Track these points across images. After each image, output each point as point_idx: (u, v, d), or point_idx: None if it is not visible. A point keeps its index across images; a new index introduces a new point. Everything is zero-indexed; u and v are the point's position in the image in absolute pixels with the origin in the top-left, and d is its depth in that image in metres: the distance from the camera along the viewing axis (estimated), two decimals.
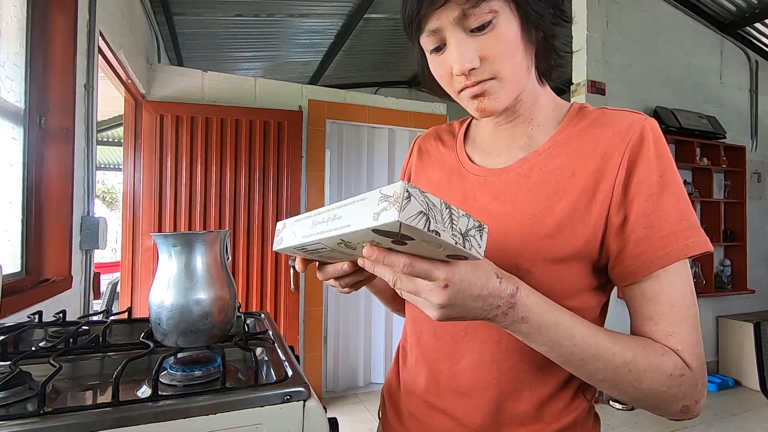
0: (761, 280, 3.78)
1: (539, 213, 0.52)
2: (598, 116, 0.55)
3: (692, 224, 0.49)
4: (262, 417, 0.53)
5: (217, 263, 0.68)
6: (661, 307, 0.49)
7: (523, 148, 0.58)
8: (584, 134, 0.54)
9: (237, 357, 0.74)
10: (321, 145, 3.05)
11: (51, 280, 1.30)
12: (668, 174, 0.50)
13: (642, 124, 0.51)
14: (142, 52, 2.55)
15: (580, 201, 0.51)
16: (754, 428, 2.71)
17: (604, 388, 0.49)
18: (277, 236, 0.53)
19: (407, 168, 0.75)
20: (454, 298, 0.41)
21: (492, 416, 0.55)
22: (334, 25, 3.65)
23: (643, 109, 3.27)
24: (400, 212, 0.33)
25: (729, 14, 3.56)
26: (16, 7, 1.23)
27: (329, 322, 3.09)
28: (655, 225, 0.49)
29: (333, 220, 0.41)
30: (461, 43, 0.50)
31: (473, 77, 0.51)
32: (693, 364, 0.48)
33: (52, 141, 1.33)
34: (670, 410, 0.49)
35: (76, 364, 0.68)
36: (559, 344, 0.46)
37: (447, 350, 0.59)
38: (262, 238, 2.81)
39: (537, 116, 0.58)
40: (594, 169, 0.51)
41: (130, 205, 2.62)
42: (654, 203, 0.49)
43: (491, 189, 0.58)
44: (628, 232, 0.50)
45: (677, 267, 0.48)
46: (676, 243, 0.48)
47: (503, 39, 0.50)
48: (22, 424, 0.45)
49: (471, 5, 0.48)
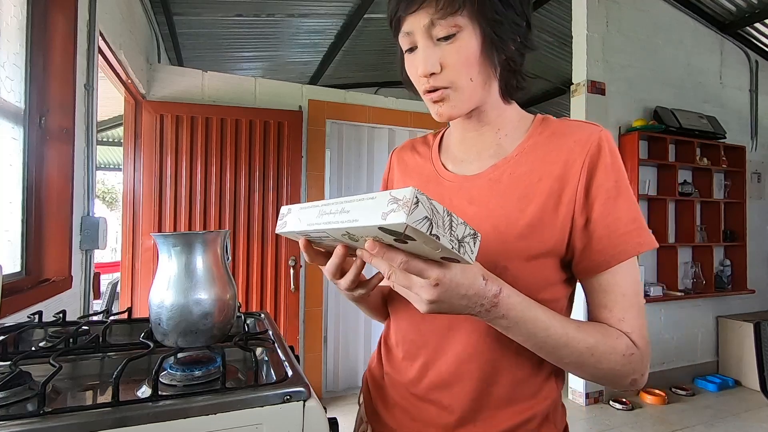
0: (761, 280, 3.78)
1: (511, 215, 0.58)
2: (560, 126, 0.62)
3: (642, 225, 0.56)
4: (262, 417, 0.53)
5: (217, 263, 0.68)
6: (614, 297, 0.57)
7: (493, 156, 0.64)
8: (548, 142, 0.60)
9: (237, 357, 0.74)
10: (321, 145, 3.05)
11: (51, 280, 1.30)
12: (622, 180, 0.57)
13: (599, 135, 0.58)
14: (142, 52, 2.55)
15: (548, 204, 0.57)
16: (754, 428, 2.71)
17: (570, 369, 0.56)
18: (280, 219, 0.56)
19: (387, 179, 0.80)
20: (442, 296, 0.45)
21: (474, 401, 0.60)
22: (334, 25, 3.65)
23: (643, 109, 3.27)
24: (408, 215, 0.37)
25: (729, 14, 3.56)
26: (16, 7, 1.23)
27: (329, 322, 3.09)
28: (612, 225, 0.56)
29: (341, 213, 0.44)
30: (427, 48, 0.57)
31: (433, 81, 0.57)
32: (640, 344, 0.56)
33: (52, 141, 1.33)
34: (622, 384, 0.57)
35: (76, 364, 0.68)
36: (535, 335, 0.52)
37: (432, 346, 0.63)
38: (262, 238, 2.81)
39: (504, 126, 0.64)
40: (558, 174, 0.58)
41: (130, 205, 2.62)
42: (611, 206, 0.56)
43: (466, 194, 0.63)
44: (591, 231, 0.56)
45: (629, 262, 0.56)
46: (630, 242, 0.55)
47: (463, 52, 0.56)
48: (22, 424, 0.45)
49: (439, 16, 0.54)
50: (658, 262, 3.36)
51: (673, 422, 2.75)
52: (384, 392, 0.70)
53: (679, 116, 3.26)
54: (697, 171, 3.50)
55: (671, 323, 3.37)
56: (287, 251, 2.84)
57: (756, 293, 3.65)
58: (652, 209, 3.29)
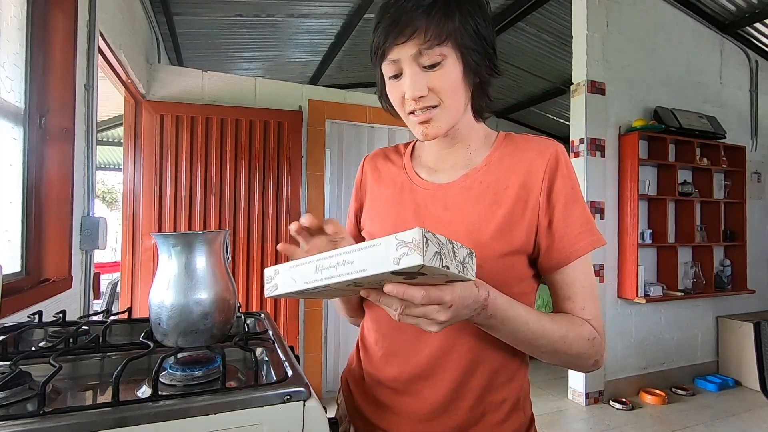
0: (761, 280, 3.78)
1: (484, 219, 0.65)
2: (521, 141, 0.70)
3: (593, 227, 0.65)
4: (262, 417, 0.53)
5: (217, 263, 0.68)
6: (576, 289, 0.65)
7: (464, 167, 0.71)
8: (513, 155, 0.68)
9: (237, 357, 0.74)
10: (321, 145, 3.05)
11: (51, 280, 1.30)
12: (576, 187, 0.66)
13: (555, 149, 0.66)
14: (142, 52, 2.55)
15: (516, 209, 0.65)
16: (754, 428, 2.71)
17: (544, 357, 0.63)
18: (268, 283, 0.54)
19: (360, 185, 0.83)
20: (454, 313, 0.50)
21: (452, 392, 0.65)
22: (334, 25, 3.65)
23: (643, 109, 3.27)
24: (423, 256, 0.39)
25: (729, 14, 3.55)
26: (16, 7, 1.23)
27: (329, 322, 3.09)
28: (571, 225, 0.64)
29: (344, 265, 0.44)
30: (415, 75, 0.61)
31: (421, 103, 0.63)
32: (599, 329, 0.64)
33: (52, 141, 1.33)
34: (587, 366, 0.65)
35: (76, 364, 0.67)
36: (518, 330, 0.58)
37: (412, 343, 0.68)
38: (262, 238, 2.80)
39: (473, 142, 0.72)
40: (522, 182, 0.65)
41: (130, 205, 2.62)
42: (569, 209, 0.64)
43: (441, 201, 0.69)
44: (554, 231, 0.64)
45: (585, 258, 0.65)
46: (585, 240, 0.64)
47: (448, 77, 0.62)
48: (22, 424, 0.45)
49: (427, 47, 0.59)
50: (658, 262, 3.36)
51: (673, 422, 2.75)
52: (364, 390, 0.74)
53: (679, 116, 3.26)
54: (697, 171, 3.49)
55: (671, 323, 3.37)
56: None
57: (756, 293, 3.65)
58: (652, 209, 3.29)
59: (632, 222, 3.06)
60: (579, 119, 3.01)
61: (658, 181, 3.32)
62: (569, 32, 3.21)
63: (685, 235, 3.38)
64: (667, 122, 3.17)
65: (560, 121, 5.59)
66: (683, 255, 3.38)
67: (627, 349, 3.17)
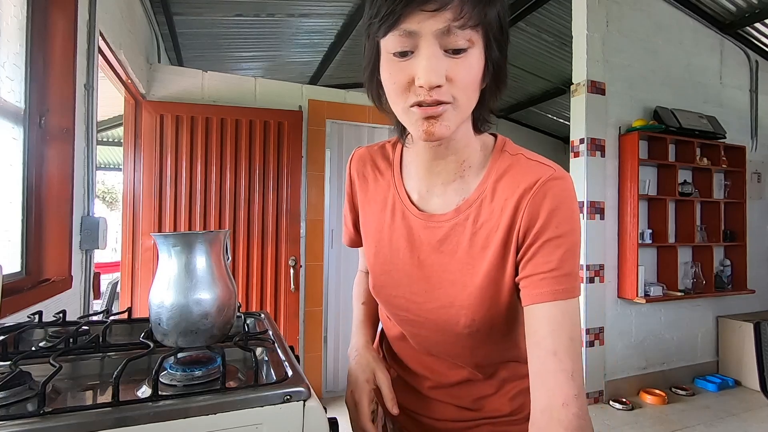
0: (761, 280, 3.78)
1: (475, 262, 0.62)
2: (511, 166, 0.62)
3: (565, 275, 0.55)
4: (262, 417, 0.53)
5: (217, 263, 0.68)
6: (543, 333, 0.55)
7: (457, 192, 0.65)
8: (505, 189, 0.61)
9: (237, 357, 0.74)
10: (321, 145, 3.05)
11: (51, 280, 1.30)
12: (562, 226, 0.56)
13: (546, 181, 0.57)
14: (142, 52, 2.55)
15: (500, 253, 0.60)
16: (754, 428, 2.71)
17: None
18: None
19: (352, 195, 0.80)
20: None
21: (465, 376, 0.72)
22: (334, 25, 3.65)
23: (643, 109, 3.27)
24: None
25: (729, 14, 3.55)
26: (16, 7, 1.23)
27: (329, 322, 3.09)
28: (539, 267, 0.56)
29: None
30: (435, 57, 0.49)
31: (435, 95, 0.50)
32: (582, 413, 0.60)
33: (52, 141, 1.33)
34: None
35: (76, 364, 0.67)
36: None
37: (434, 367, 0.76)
38: (262, 238, 2.80)
39: (468, 157, 0.64)
40: (508, 223, 0.59)
41: (130, 205, 2.62)
42: (546, 249, 0.56)
43: (434, 234, 0.65)
44: (526, 272, 0.58)
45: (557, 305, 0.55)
46: (546, 287, 0.55)
47: (470, 69, 0.52)
48: (22, 424, 0.45)
49: (459, 25, 0.48)
50: (658, 262, 3.36)
51: (673, 422, 2.75)
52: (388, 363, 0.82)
53: (679, 116, 3.26)
54: (697, 171, 3.49)
55: (671, 323, 3.37)
56: (287, 251, 2.84)
57: (756, 293, 3.65)
58: (652, 209, 3.29)
59: (632, 222, 3.06)
60: (579, 119, 3.01)
61: (658, 181, 3.32)
62: (569, 32, 3.21)
63: (685, 235, 3.38)
64: (667, 122, 3.17)
65: (560, 121, 5.58)
66: (683, 255, 3.39)
67: (627, 349, 3.18)
